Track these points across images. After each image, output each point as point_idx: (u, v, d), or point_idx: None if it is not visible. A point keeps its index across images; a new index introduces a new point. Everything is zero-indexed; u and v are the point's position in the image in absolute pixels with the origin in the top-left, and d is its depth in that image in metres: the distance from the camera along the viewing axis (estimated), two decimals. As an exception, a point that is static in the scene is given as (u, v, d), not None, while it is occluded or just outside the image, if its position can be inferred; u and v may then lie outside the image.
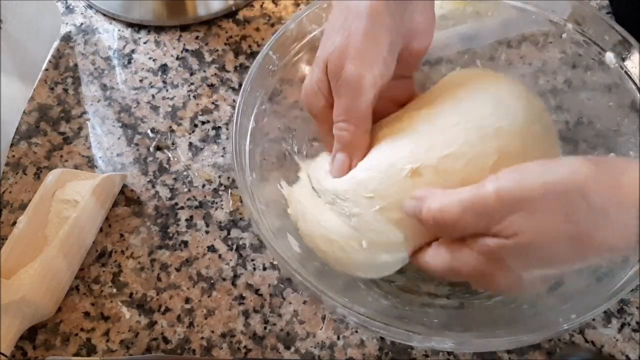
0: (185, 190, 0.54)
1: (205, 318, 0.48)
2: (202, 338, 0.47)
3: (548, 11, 0.48)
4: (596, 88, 0.48)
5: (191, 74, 0.60)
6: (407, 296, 0.45)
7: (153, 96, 0.59)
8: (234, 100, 0.58)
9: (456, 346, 0.39)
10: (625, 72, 0.46)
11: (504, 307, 0.43)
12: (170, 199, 0.53)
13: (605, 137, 0.47)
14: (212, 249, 0.51)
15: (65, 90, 0.60)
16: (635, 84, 0.46)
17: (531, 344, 0.45)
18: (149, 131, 0.57)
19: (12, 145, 0.56)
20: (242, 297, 0.49)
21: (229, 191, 0.54)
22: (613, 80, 0.47)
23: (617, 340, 0.46)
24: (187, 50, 0.62)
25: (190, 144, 0.56)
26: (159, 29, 0.63)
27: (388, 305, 0.44)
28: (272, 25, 0.63)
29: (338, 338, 0.47)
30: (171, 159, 0.56)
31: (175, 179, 0.54)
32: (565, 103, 0.50)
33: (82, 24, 0.64)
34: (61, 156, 0.56)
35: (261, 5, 0.65)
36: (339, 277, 0.43)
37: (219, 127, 0.57)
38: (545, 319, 0.40)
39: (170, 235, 0.52)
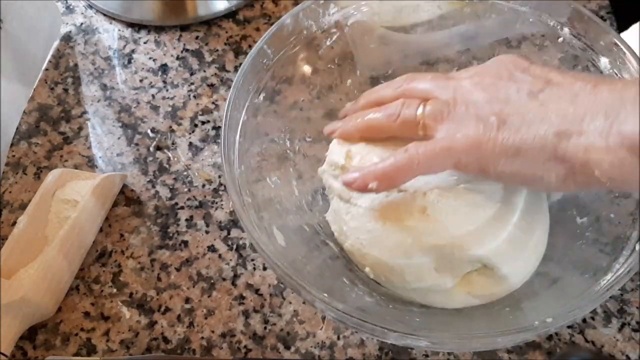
0: (185, 190, 0.54)
1: (205, 318, 0.48)
2: (202, 338, 0.47)
3: (545, 14, 0.48)
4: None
5: (191, 74, 0.60)
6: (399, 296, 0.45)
7: (153, 96, 0.59)
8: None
9: (431, 345, 0.39)
10: (617, 75, 0.46)
11: (487, 308, 0.43)
12: (170, 199, 0.53)
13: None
14: (212, 248, 0.51)
15: (66, 90, 0.60)
16: None
17: (507, 345, 0.45)
18: (149, 131, 0.57)
19: (12, 145, 0.56)
20: (242, 297, 0.49)
21: (229, 191, 0.54)
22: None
23: (617, 340, 0.46)
24: (187, 50, 0.62)
25: (190, 143, 0.56)
26: (159, 29, 0.63)
27: (371, 302, 0.44)
28: (272, 25, 0.63)
29: (338, 338, 0.47)
30: (171, 158, 0.56)
31: (175, 179, 0.55)
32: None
33: (82, 23, 0.64)
34: (61, 156, 0.56)
35: (261, 5, 0.65)
36: (323, 272, 0.43)
37: (219, 127, 0.57)
38: (526, 320, 0.40)
39: (170, 235, 0.52)
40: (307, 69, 0.51)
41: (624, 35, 0.66)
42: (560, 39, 0.48)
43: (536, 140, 0.38)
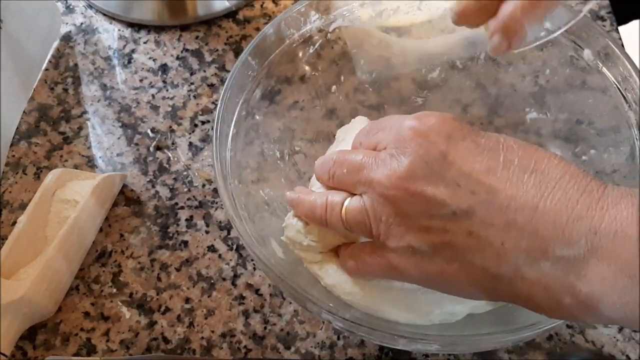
0: (185, 190, 0.54)
1: (205, 318, 0.48)
2: (202, 338, 0.47)
3: (544, 19, 0.48)
4: (595, 88, 0.48)
5: (191, 74, 0.60)
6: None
7: (153, 96, 0.59)
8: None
9: (442, 348, 0.39)
10: (613, 80, 0.46)
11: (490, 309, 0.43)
12: (170, 198, 0.53)
13: (605, 136, 0.48)
14: (212, 248, 0.51)
15: (65, 90, 0.60)
16: (620, 90, 0.46)
17: (517, 342, 0.45)
18: (149, 131, 0.57)
19: (12, 145, 0.56)
20: (242, 297, 0.49)
21: (229, 191, 0.54)
22: (609, 81, 0.47)
23: (617, 340, 0.46)
24: (187, 50, 0.62)
25: (190, 143, 0.56)
26: (159, 29, 0.63)
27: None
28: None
29: (338, 338, 0.47)
30: (171, 158, 0.56)
31: (175, 178, 0.55)
32: (565, 103, 0.50)
33: (82, 23, 0.64)
34: (61, 156, 0.56)
35: (261, 5, 0.65)
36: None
37: (219, 127, 0.57)
38: (530, 315, 0.40)
39: (170, 235, 0.52)
40: (300, 73, 0.51)
41: (623, 29, 0.66)
42: (559, 43, 0.49)
43: (471, 280, 0.34)
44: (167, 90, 0.59)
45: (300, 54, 0.51)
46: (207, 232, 0.52)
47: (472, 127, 0.35)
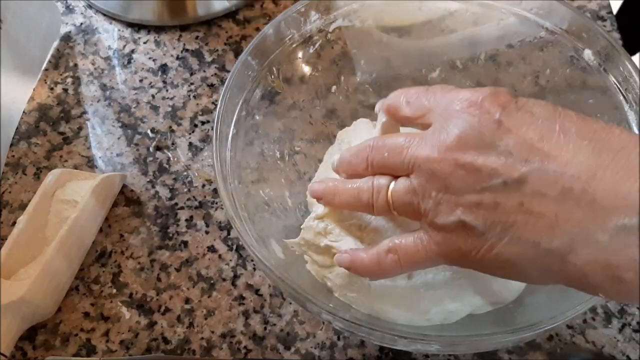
0: (185, 190, 0.54)
1: (205, 318, 0.48)
2: (202, 338, 0.47)
3: (545, 19, 0.48)
4: (595, 88, 0.48)
5: (191, 74, 0.60)
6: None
7: (153, 96, 0.59)
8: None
9: (442, 348, 0.39)
10: (613, 80, 0.46)
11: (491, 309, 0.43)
12: (170, 199, 0.53)
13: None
14: (212, 249, 0.51)
15: (65, 90, 0.60)
16: (620, 90, 0.46)
17: (517, 343, 0.45)
18: (148, 131, 0.57)
19: (11, 145, 0.56)
20: (242, 297, 0.49)
21: (229, 191, 0.54)
22: (609, 82, 0.47)
23: (617, 340, 0.46)
24: (187, 50, 0.62)
25: (190, 144, 0.56)
26: (159, 29, 0.63)
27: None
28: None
29: (338, 338, 0.47)
30: (171, 159, 0.56)
31: (175, 179, 0.54)
32: (565, 103, 0.50)
33: (82, 23, 0.64)
34: (61, 156, 0.56)
35: (261, 5, 0.65)
36: (324, 284, 0.43)
37: (219, 127, 0.57)
38: (530, 316, 0.39)
39: (170, 235, 0.52)
40: (300, 73, 0.51)
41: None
42: (560, 43, 0.49)
43: (522, 257, 0.32)
44: (167, 91, 0.59)
45: (300, 54, 0.51)
46: (207, 232, 0.52)
47: (528, 98, 0.34)
